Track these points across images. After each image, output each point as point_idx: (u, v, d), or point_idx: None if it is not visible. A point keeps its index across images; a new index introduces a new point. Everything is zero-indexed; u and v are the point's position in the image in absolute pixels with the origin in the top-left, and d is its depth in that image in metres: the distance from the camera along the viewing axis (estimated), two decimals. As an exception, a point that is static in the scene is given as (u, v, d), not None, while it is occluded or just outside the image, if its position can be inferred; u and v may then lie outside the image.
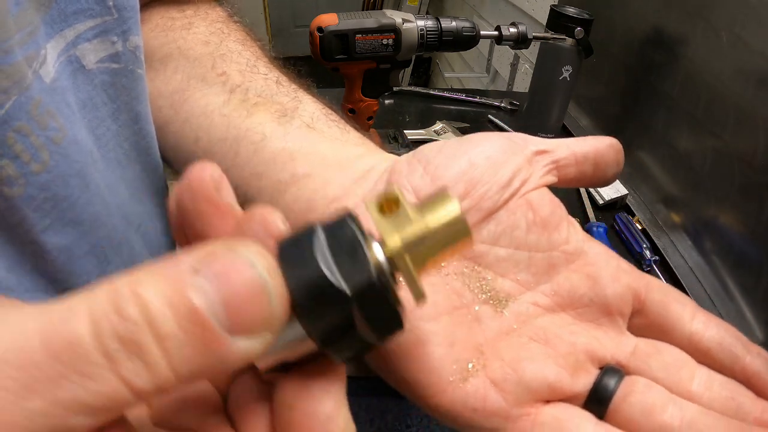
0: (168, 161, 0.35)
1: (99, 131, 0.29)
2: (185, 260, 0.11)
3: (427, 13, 2.31)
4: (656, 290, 0.24)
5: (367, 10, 1.02)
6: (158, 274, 0.11)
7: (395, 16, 0.72)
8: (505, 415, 0.20)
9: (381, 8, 2.17)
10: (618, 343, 0.23)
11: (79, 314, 0.10)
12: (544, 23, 0.85)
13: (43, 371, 0.09)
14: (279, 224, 0.15)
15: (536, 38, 0.79)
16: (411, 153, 0.26)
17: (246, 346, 0.11)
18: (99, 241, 0.28)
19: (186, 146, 0.33)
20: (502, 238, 0.24)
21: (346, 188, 0.26)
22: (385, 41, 0.72)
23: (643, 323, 0.23)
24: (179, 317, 0.10)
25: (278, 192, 0.27)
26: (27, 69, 0.22)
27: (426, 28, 0.73)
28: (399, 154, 0.27)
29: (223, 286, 0.11)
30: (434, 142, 0.26)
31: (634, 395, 0.20)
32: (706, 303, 0.63)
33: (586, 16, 0.79)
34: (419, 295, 0.14)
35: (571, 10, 0.81)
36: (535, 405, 0.21)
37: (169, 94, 0.34)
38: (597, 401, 0.20)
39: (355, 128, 0.32)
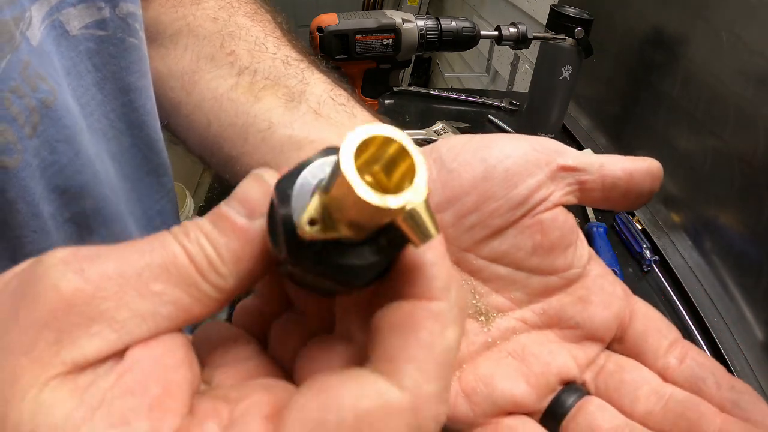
0: (182, 141, 0.35)
1: (83, 100, 0.28)
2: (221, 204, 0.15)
3: (427, 13, 2.31)
4: (640, 319, 0.23)
5: (367, 10, 1.02)
6: (207, 217, 0.15)
7: (395, 16, 0.72)
8: (470, 423, 0.22)
9: (381, 8, 2.17)
10: (589, 364, 0.23)
11: (175, 247, 0.14)
12: (544, 23, 0.85)
13: (169, 278, 0.14)
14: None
15: (536, 38, 0.79)
16: (429, 148, 0.25)
17: (261, 223, 0.15)
18: (83, 210, 0.27)
19: (198, 129, 0.32)
20: (505, 257, 0.23)
21: None
22: (385, 41, 0.72)
23: (621, 350, 0.23)
24: (220, 227, 0.15)
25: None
26: (15, 29, 0.22)
27: (426, 28, 0.73)
28: None
29: (237, 192, 0.15)
30: (455, 138, 0.24)
31: (583, 414, 0.21)
32: (706, 303, 0.63)
33: (586, 16, 0.79)
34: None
35: (571, 10, 0.81)
36: (498, 416, 0.22)
37: (180, 74, 0.33)
38: (552, 417, 0.22)
39: (364, 106, 0.31)
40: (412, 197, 0.12)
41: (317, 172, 0.14)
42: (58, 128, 0.24)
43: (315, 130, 0.28)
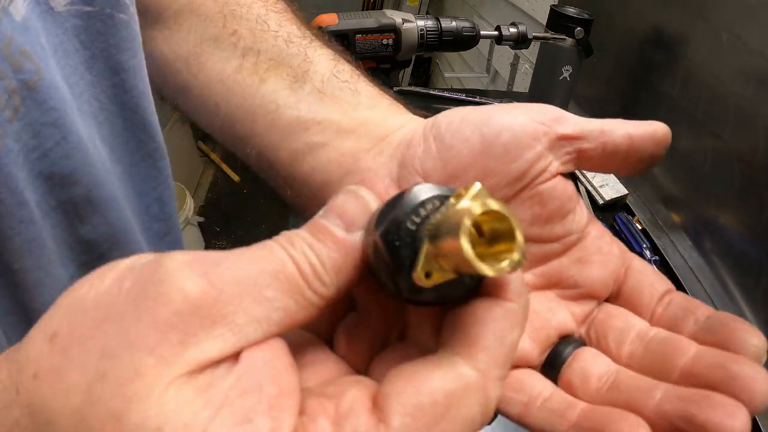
0: (192, 121, 0.34)
1: (72, 80, 0.27)
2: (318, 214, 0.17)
3: (427, 13, 2.31)
4: (634, 275, 0.24)
5: (367, 10, 1.02)
6: (305, 228, 0.16)
7: (395, 16, 0.72)
8: None
9: (381, 8, 2.17)
10: (586, 318, 0.24)
11: (282, 256, 0.15)
12: (544, 23, 0.85)
13: (279, 286, 0.15)
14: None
15: (536, 38, 0.79)
16: (431, 121, 0.25)
17: (358, 236, 0.16)
18: (71, 197, 0.26)
19: (207, 111, 0.32)
20: None
21: (358, 158, 0.26)
22: (385, 41, 0.72)
23: (617, 304, 0.24)
24: (321, 238, 0.16)
25: (296, 162, 0.28)
26: None
27: (426, 28, 0.73)
28: None
29: (334, 205, 0.17)
30: (454, 112, 0.24)
31: (578, 362, 0.22)
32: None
33: (586, 16, 0.80)
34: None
35: (571, 10, 0.81)
36: None
37: (185, 57, 0.33)
38: (550, 366, 0.23)
39: (368, 80, 0.31)
40: (509, 267, 0.14)
41: (411, 213, 0.16)
42: (42, 111, 0.23)
43: (321, 110, 0.28)
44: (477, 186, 0.14)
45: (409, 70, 2.34)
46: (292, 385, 0.14)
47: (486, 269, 0.13)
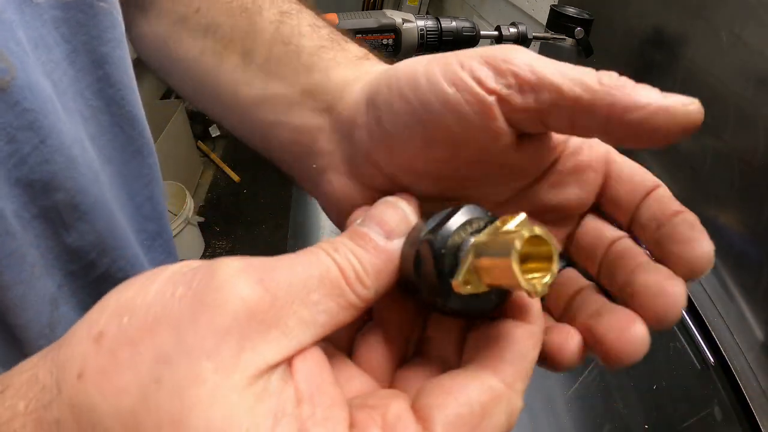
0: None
1: (54, 76, 0.25)
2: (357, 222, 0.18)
3: (427, 13, 2.31)
4: (613, 184, 0.22)
5: (367, 10, 1.02)
6: (346, 236, 0.17)
7: (395, 16, 0.72)
8: None
9: (381, 8, 2.17)
10: (569, 236, 0.23)
11: (327, 261, 0.16)
12: (544, 23, 0.85)
13: (324, 289, 0.15)
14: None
15: (536, 38, 0.79)
16: (372, 89, 0.22)
17: (397, 245, 0.17)
18: (54, 204, 0.25)
19: (188, 92, 0.32)
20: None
21: (314, 137, 0.25)
22: (385, 41, 0.72)
23: (599, 214, 0.24)
24: (362, 245, 0.17)
25: (265, 140, 0.28)
26: None
27: (426, 28, 0.73)
28: None
29: (374, 215, 0.18)
30: (396, 72, 0.22)
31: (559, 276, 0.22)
32: (707, 303, 0.63)
33: (586, 16, 0.80)
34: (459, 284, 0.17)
35: (571, 10, 0.81)
36: None
37: (164, 40, 0.32)
38: None
39: (312, 23, 0.29)
40: (550, 280, 0.16)
41: (459, 229, 0.17)
42: (16, 113, 0.22)
43: (270, 84, 0.27)
44: (522, 215, 0.16)
45: (409, 70, 2.34)
46: (340, 396, 0.15)
47: (525, 284, 0.15)
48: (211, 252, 2.02)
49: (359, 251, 0.17)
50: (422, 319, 0.20)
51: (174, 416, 0.12)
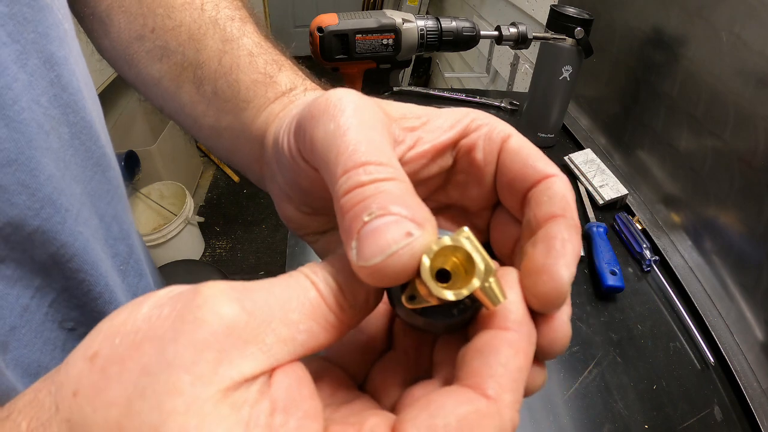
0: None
1: (3, 82, 0.22)
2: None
3: (427, 13, 2.31)
4: (503, 180, 0.22)
5: (367, 10, 1.02)
6: (328, 259, 0.18)
7: (395, 16, 0.72)
8: None
9: (381, 8, 2.17)
10: (483, 232, 0.24)
11: (305, 283, 0.16)
12: (544, 23, 0.85)
13: (303, 309, 0.16)
14: None
15: (536, 38, 0.79)
16: (290, 115, 0.23)
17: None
18: (11, 220, 0.23)
19: (156, 104, 0.33)
20: None
21: (262, 172, 0.27)
22: (385, 41, 0.72)
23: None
24: (339, 268, 0.17)
25: (222, 157, 0.30)
26: None
27: (426, 28, 0.73)
28: None
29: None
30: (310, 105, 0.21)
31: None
32: (706, 303, 0.63)
33: (586, 16, 0.79)
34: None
35: (571, 10, 0.81)
36: None
37: (123, 56, 0.31)
38: None
39: (250, 48, 0.29)
40: (467, 291, 0.16)
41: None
42: None
43: (221, 115, 0.29)
44: (464, 229, 0.17)
45: (409, 70, 2.34)
46: (316, 409, 0.15)
47: (444, 294, 0.16)
48: (211, 252, 2.02)
49: (337, 273, 0.17)
50: (433, 343, 0.21)
51: (153, 424, 0.13)
